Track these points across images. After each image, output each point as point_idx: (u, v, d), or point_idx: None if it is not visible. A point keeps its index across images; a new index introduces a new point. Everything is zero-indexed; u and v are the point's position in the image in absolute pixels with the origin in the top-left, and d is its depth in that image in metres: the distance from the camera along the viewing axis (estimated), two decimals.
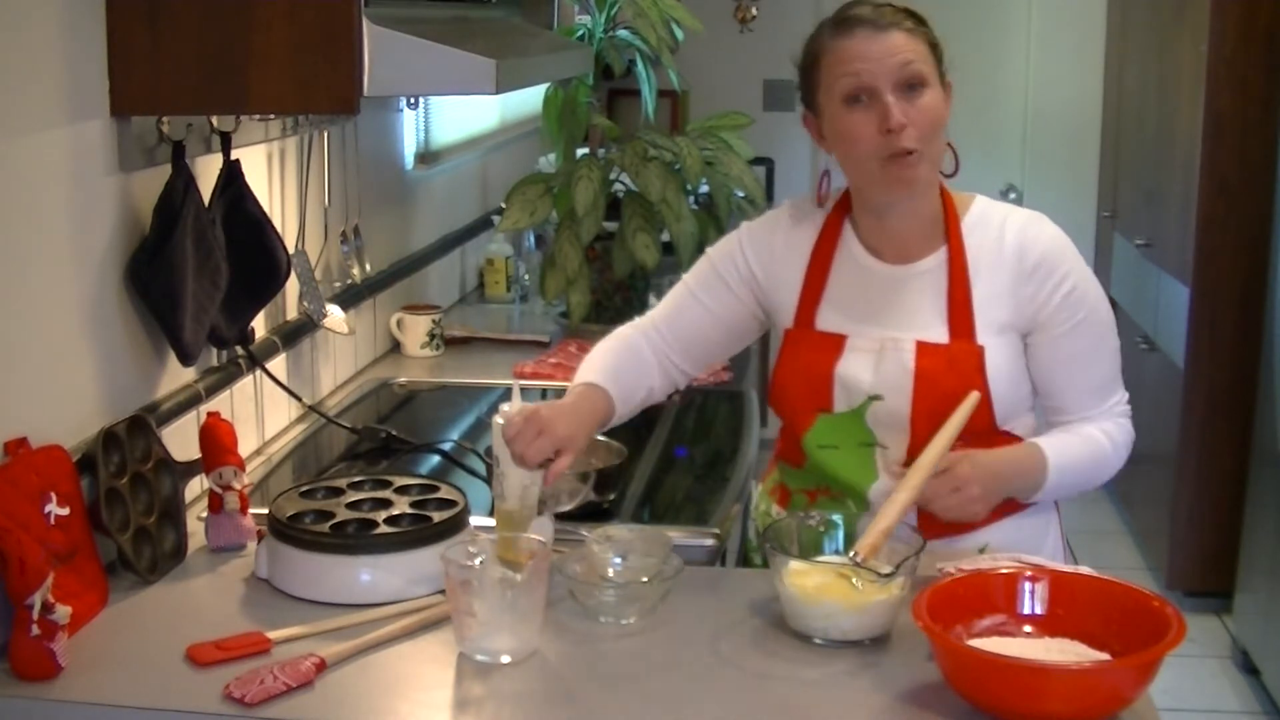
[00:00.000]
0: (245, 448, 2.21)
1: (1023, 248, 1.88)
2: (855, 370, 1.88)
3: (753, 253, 1.99)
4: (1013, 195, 5.71)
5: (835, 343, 1.91)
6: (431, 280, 3.45)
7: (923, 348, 1.86)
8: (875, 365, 1.87)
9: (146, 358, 2.04)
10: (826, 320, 1.93)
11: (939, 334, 1.87)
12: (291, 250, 2.51)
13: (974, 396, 1.81)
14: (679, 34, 3.41)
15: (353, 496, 1.92)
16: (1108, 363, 1.92)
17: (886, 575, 1.64)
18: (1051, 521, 1.99)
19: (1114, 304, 5.13)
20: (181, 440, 2.06)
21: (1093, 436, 1.90)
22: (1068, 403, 1.91)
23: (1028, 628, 1.62)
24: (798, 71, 1.91)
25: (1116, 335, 1.94)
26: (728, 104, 4.04)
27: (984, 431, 1.87)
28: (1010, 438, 1.90)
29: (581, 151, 3.36)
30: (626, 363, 1.98)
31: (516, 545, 1.72)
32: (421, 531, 1.81)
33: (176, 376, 2.12)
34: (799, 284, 1.95)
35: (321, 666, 1.58)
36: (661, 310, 2.05)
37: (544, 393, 2.88)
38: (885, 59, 1.80)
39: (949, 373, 1.84)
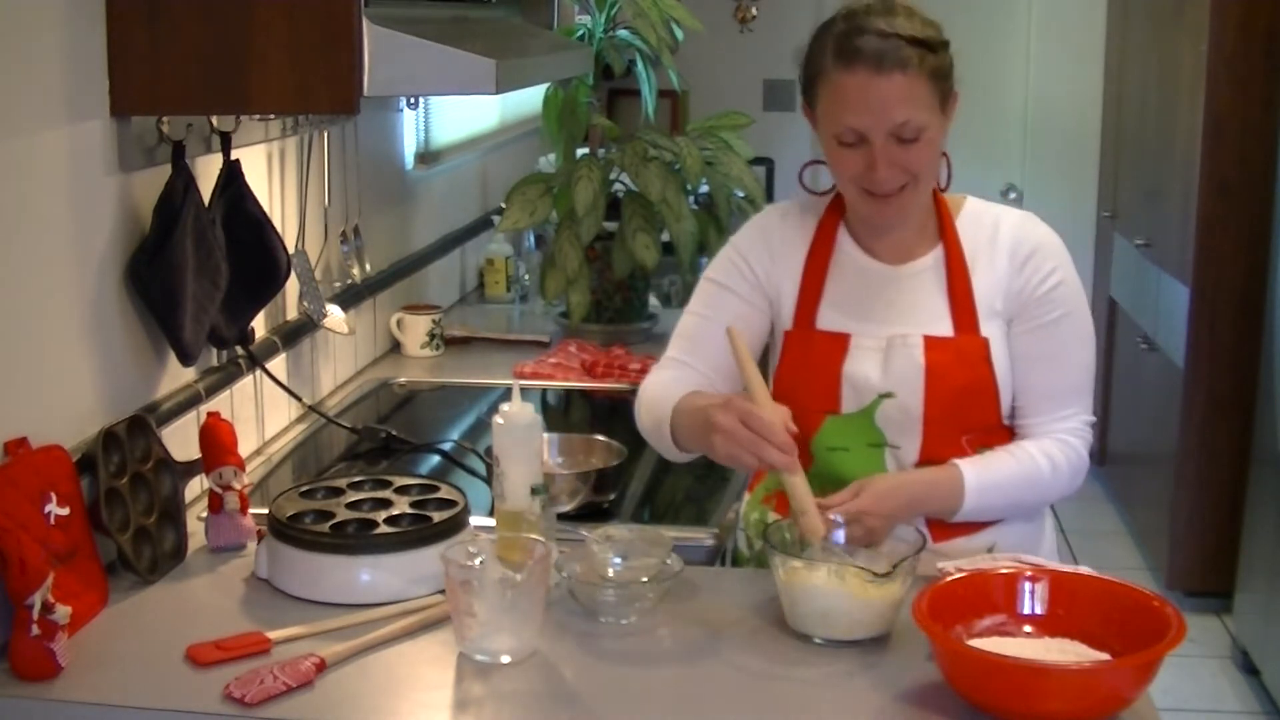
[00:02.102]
0: (245, 448, 2.21)
1: (1017, 240, 1.88)
2: (864, 369, 1.87)
3: (753, 256, 1.96)
4: (1013, 195, 5.70)
5: (839, 342, 1.90)
6: (431, 280, 3.44)
7: (930, 342, 1.86)
8: (884, 363, 1.86)
9: (146, 358, 2.04)
10: (828, 319, 1.92)
11: (944, 328, 1.87)
12: (291, 250, 2.51)
13: (736, 331, 1.80)
14: (679, 34, 3.41)
15: (353, 496, 1.92)
16: (1073, 373, 1.90)
17: (886, 575, 1.64)
18: (1043, 525, 1.99)
19: (1113, 304, 5.15)
20: (181, 440, 2.06)
21: (1029, 456, 1.86)
22: (1022, 402, 1.89)
23: (1028, 628, 1.62)
24: (799, 69, 1.89)
25: (1093, 353, 1.91)
26: (728, 104, 4.04)
27: (992, 426, 1.88)
28: (1013, 434, 1.90)
29: (581, 151, 3.36)
30: (685, 388, 1.92)
31: (516, 545, 1.72)
32: (421, 531, 1.80)
33: (176, 376, 2.12)
34: (796, 284, 1.94)
35: (321, 666, 1.58)
36: (677, 346, 2.00)
37: (544, 393, 2.88)
38: (880, 112, 1.76)
39: (958, 366, 1.84)
